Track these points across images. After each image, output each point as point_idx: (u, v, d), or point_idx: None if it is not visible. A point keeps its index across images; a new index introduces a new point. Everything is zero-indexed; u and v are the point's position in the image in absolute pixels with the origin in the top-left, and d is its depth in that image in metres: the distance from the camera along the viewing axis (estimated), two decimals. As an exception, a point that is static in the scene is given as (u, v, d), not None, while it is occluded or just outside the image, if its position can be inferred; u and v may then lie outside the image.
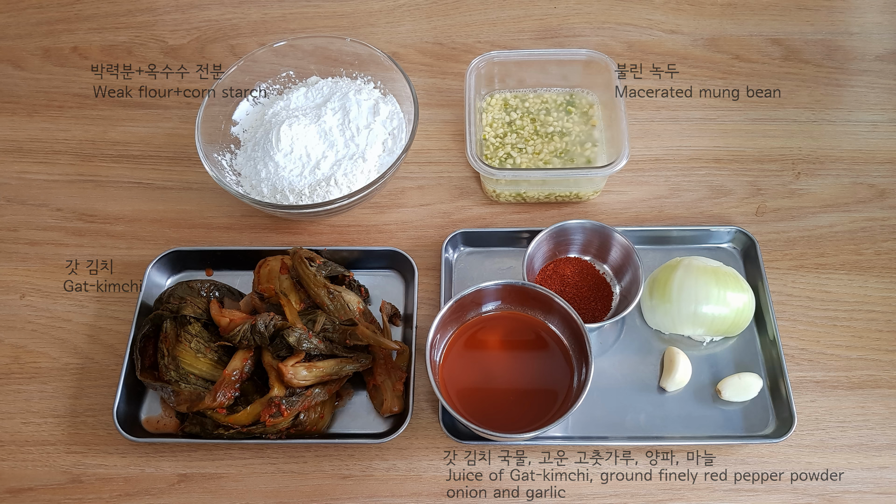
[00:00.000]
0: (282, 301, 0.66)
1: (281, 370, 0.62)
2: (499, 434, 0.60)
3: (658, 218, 0.79)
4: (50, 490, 0.66)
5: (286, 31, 0.96)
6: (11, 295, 0.77)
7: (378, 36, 0.95)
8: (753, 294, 0.70)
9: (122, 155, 0.86)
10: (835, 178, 0.81)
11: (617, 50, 0.92)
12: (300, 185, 0.76)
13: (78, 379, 0.71)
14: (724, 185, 0.81)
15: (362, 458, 0.67)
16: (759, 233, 0.77)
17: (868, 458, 0.66)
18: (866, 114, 0.86)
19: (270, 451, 0.67)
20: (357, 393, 0.69)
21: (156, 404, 0.69)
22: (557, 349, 0.66)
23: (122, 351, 0.71)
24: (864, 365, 0.70)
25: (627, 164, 0.74)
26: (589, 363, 0.61)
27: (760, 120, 0.86)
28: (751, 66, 0.90)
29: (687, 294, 0.68)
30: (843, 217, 0.79)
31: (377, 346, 0.67)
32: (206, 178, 0.78)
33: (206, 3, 0.99)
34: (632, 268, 0.70)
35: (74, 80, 0.93)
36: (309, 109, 0.81)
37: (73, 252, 0.79)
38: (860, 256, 0.76)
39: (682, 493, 0.65)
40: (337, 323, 0.66)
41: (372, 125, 0.79)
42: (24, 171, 0.85)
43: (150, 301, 0.72)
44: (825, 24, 0.94)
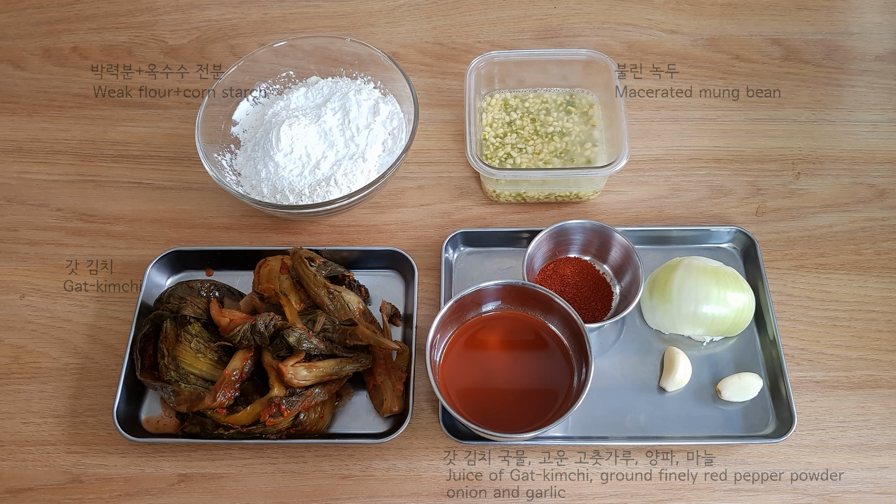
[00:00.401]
0: (282, 301, 0.66)
1: (281, 370, 0.62)
2: (499, 434, 0.60)
3: (658, 218, 0.79)
4: (50, 490, 0.66)
5: (286, 31, 0.96)
6: (11, 295, 0.77)
7: (378, 36, 0.95)
8: (753, 294, 0.70)
9: (122, 155, 0.86)
10: (835, 178, 0.81)
11: (617, 50, 0.92)
12: (300, 185, 0.76)
13: (78, 379, 0.71)
14: (724, 185, 0.81)
15: (362, 458, 0.67)
16: (759, 233, 0.77)
17: (868, 458, 0.66)
18: (866, 114, 0.86)
19: (270, 451, 0.67)
20: (357, 393, 0.69)
21: (156, 404, 0.69)
22: (557, 349, 0.66)
23: (122, 351, 0.71)
24: (864, 365, 0.70)
25: (627, 164, 0.74)
26: (589, 363, 0.61)
27: (760, 120, 0.86)
28: (751, 66, 0.90)
29: (687, 294, 0.68)
30: (843, 217, 0.79)
31: (377, 346, 0.67)
32: (206, 178, 0.78)
33: (206, 3, 0.99)
34: (632, 268, 0.70)
35: (74, 80, 0.93)
36: (309, 109, 0.81)
37: (73, 252, 0.79)
38: (860, 256, 0.76)
39: (682, 493, 0.65)
40: (337, 323, 0.66)
41: (372, 125, 0.79)
42: (24, 171, 0.85)
43: (150, 301, 0.72)
44: (825, 24, 0.94)
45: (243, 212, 0.81)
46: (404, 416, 0.65)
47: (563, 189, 0.78)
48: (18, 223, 0.82)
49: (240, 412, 0.63)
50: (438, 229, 0.79)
